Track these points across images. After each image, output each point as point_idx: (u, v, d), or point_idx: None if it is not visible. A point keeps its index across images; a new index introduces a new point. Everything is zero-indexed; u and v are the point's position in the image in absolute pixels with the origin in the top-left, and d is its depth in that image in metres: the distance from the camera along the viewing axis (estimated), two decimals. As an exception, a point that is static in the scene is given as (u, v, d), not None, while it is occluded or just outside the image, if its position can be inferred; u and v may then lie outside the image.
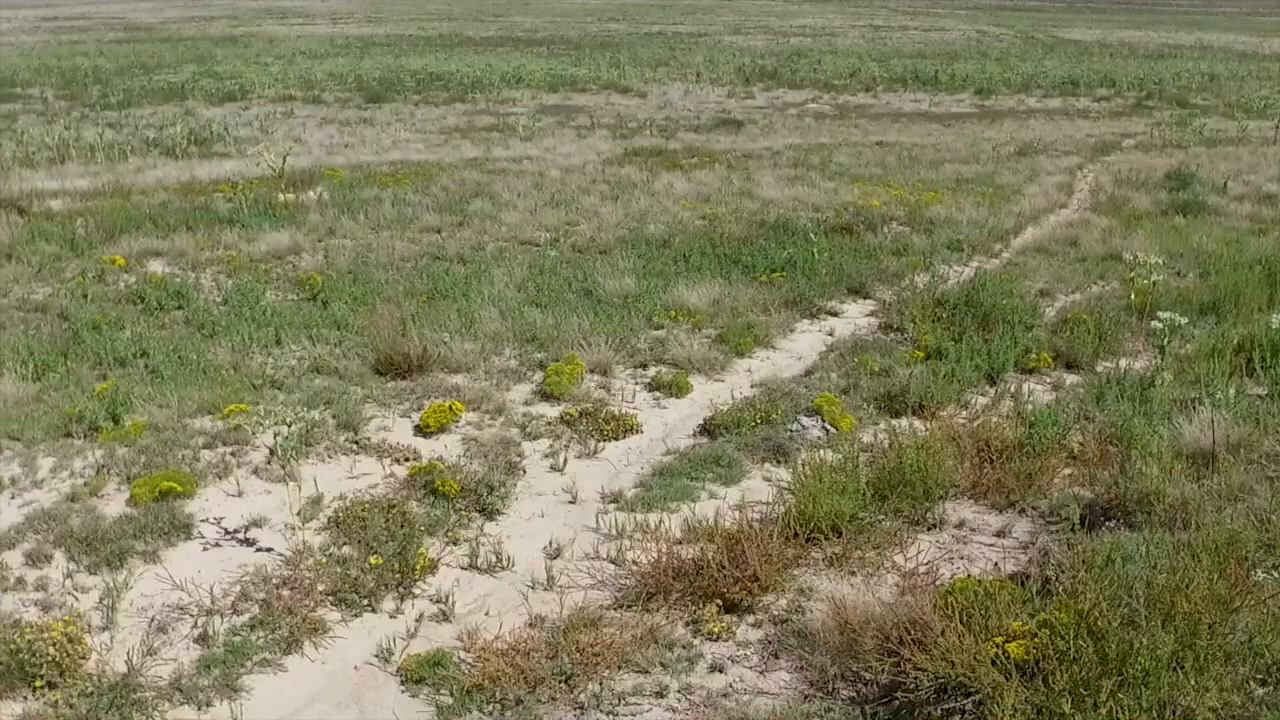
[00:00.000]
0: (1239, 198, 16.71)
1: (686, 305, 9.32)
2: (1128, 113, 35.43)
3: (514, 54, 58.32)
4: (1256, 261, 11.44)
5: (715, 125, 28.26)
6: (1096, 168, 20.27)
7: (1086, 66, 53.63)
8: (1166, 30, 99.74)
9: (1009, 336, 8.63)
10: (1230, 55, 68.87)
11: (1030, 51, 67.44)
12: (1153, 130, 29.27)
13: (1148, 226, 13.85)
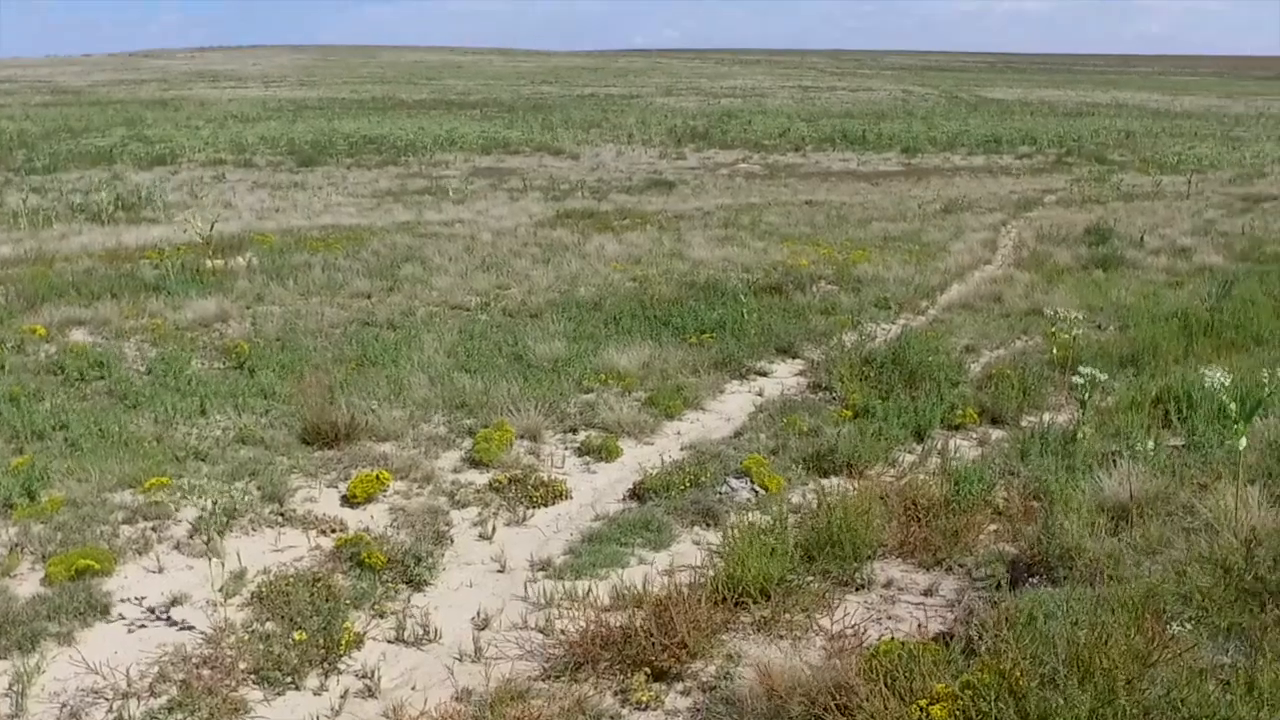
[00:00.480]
0: (1155, 251, 17.20)
1: (616, 368, 9.35)
2: (1049, 169, 36.37)
3: (447, 117, 58.59)
4: (1173, 314, 11.77)
5: (647, 186, 28.55)
6: (1019, 224, 20.76)
7: (1009, 125, 55.12)
8: (1084, 89, 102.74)
9: (935, 393, 8.76)
10: (1144, 113, 71.09)
11: (954, 110, 69.13)
12: (1072, 186, 30.06)
13: (1069, 281, 14.20)
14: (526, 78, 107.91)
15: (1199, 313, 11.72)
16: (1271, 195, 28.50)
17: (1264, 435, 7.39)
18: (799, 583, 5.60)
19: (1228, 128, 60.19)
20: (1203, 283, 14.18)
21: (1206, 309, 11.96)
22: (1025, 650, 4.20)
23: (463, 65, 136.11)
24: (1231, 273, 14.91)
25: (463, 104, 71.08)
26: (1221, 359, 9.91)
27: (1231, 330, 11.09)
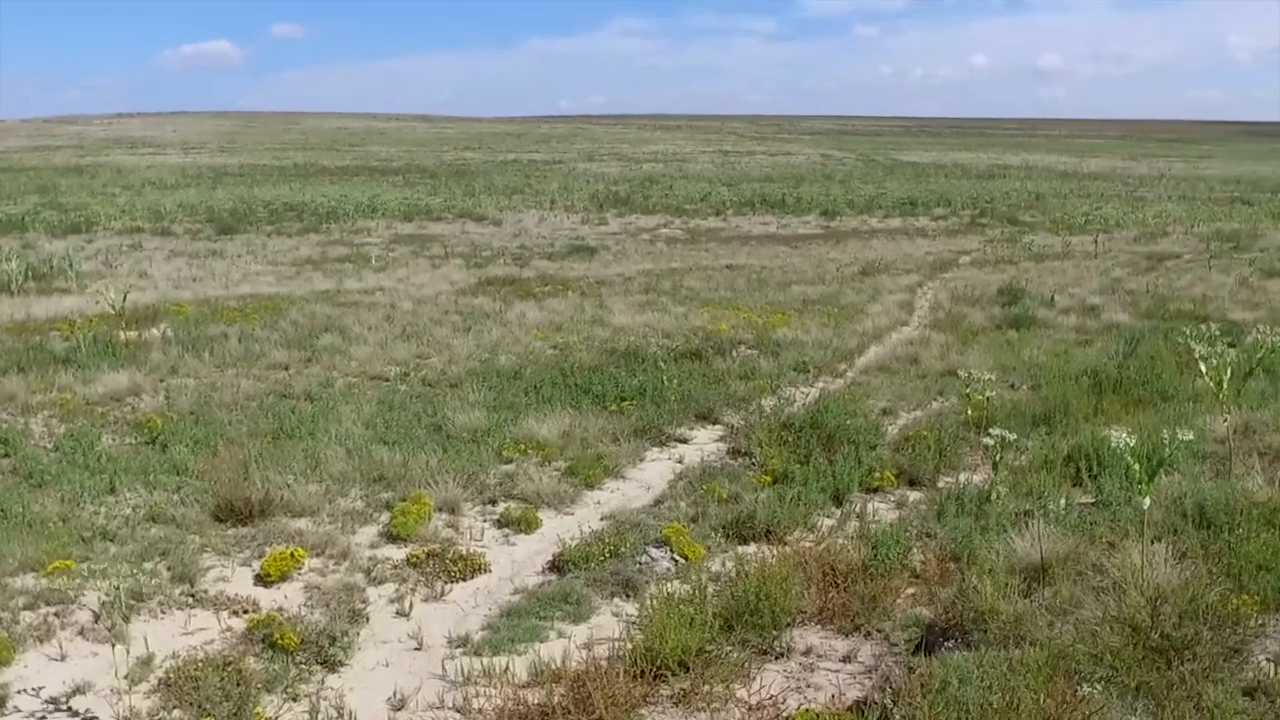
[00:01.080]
0: (1065, 310, 17.65)
1: (536, 438, 9.33)
2: (963, 230, 37.25)
3: (370, 183, 58.48)
4: (1082, 372, 12.04)
5: (569, 252, 28.70)
6: (935, 285, 21.19)
7: (924, 187, 56.44)
8: (995, 152, 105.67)
9: (853, 457, 8.84)
10: (1053, 174, 73.19)
11: (872, 174, 70.60)
12: (986, 247, 30.81)
13: (983, 341, 14.50)
14: (450, 144, 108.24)
15: (1108, 370, 12.00)
16: (1174, 254, 29.44)
17: (1169, 492, 7.57)
18: (718, 653, 5.59)
19: (1132, 188, 62.21)
20: (1111, 340, 14.55)
21: (1115, 366, 12.26)
22: (938, 717, 4.23)
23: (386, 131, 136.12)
24: (1138, 330, 15.32)
25: (385, 170, 71.05)
26: (1129, 415, 10.20)
27: (1139, 387, 11.37)
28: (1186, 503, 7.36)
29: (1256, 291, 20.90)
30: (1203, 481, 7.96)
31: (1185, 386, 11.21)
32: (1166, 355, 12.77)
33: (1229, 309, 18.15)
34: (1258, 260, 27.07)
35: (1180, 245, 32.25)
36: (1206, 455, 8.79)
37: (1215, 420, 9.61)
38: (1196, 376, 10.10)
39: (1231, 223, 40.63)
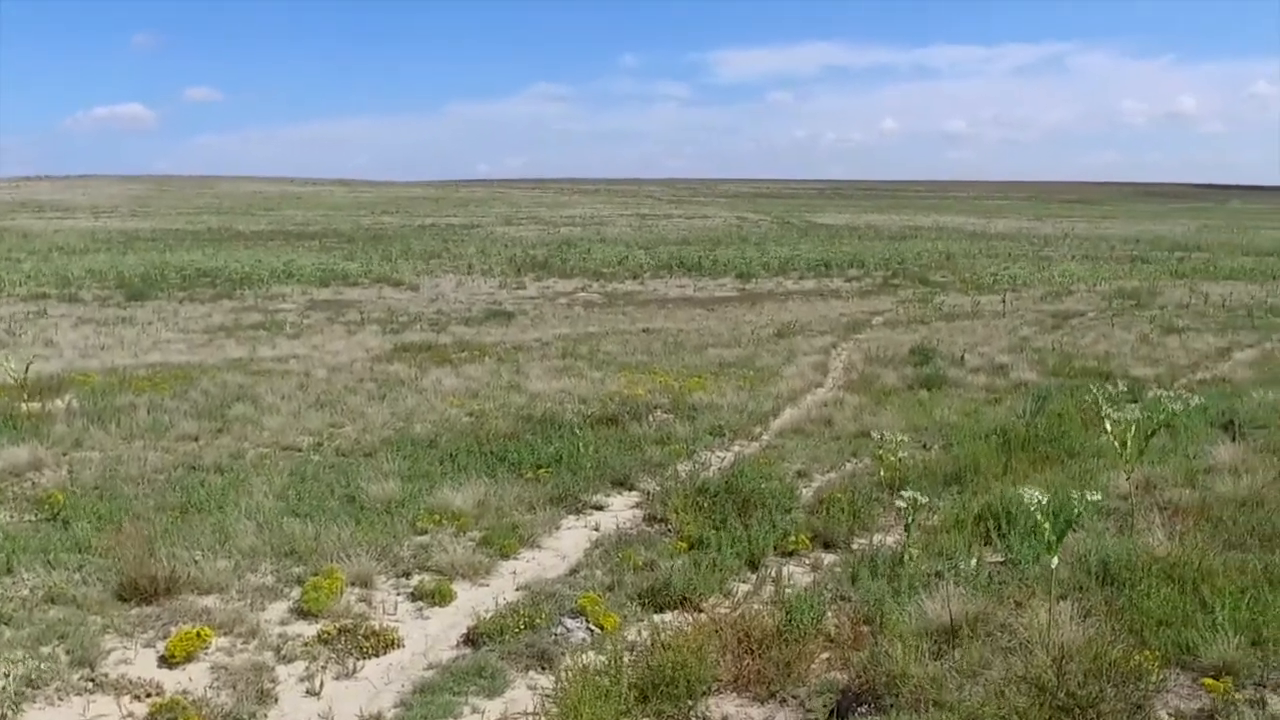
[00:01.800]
0: (975, 369, 18.03)
1: (452, 507, 9.24)
2: (876, 291, 37.93)
3: (285, 248, 57.89)
4: (992, 431, 12.28)
5: (486, 317, 28.64)
6: (849, 346, 21.52)
7: (838, 249, 57.43)
8: (907, 213, 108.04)
9: (768, 521, 8.90)
10: (963, 235, 74.98)
11: (786, 236, 71.67)
12: (898, 307, 31.41)
13: (896, 402, 14.73)
14: (367, 208, 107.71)
15: (1016, 428, 12.25)
16: (1079, 311, 30.32)
17: (1074, 549, 7.73)
18: (633, 725, 5.56)
19: (1038, 248, 63.94)
20: (1019, 399, 14.88)
21: (1023, 424, 12.52)
22: (850, 785, 4.25)
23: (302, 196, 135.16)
24: (1045, 388, 15.70)
25: (301, 235, 70.43)
26: (1037, 473, 10.41)
27: (1046, 444, 11.63)
28: (1091, 560, 7.53)
29: (1156, 348, 21.58)
30: (1107, 538, 8.15)
31: (1091, 443, 11.50)
32: (1073, 412, 13.09)
33: (1131, 365, 18.71)
34: (1157, 317, 27.98)
35: (1084, 303, 33.22)
36: (1111, 511, 8.99)
37: (1119, 476, 9.89)
38: (1101, 433, 10.40)
39: (1132, 280, 41.98)
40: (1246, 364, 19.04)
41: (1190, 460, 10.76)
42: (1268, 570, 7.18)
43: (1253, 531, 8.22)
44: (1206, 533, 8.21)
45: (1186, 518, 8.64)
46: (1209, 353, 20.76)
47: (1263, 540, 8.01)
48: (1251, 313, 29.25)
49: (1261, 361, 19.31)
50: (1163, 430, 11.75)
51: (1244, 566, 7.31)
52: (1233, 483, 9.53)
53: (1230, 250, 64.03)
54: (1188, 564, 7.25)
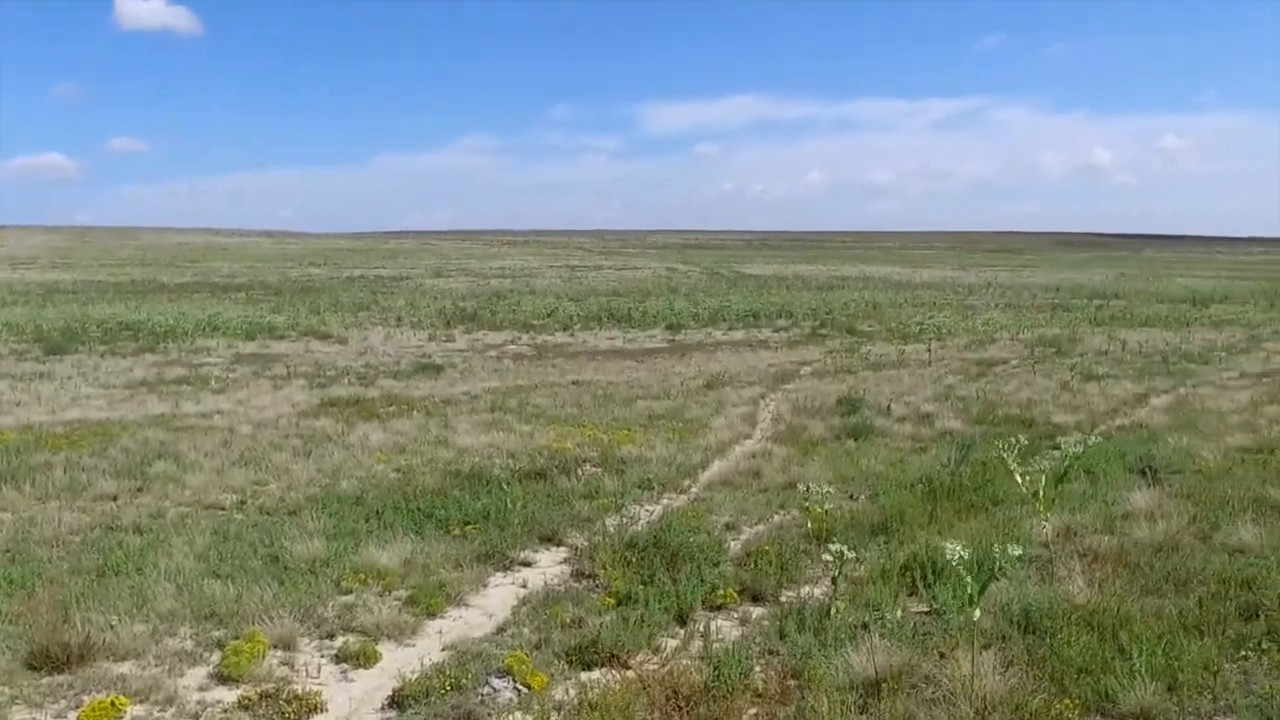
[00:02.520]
0: (901, 418, 18.23)
1: (377, 566, 9.13)
2: (804, 341, 38.30)
3: (210, 301, 57.15)
4: (918, 480, 12.42)
5: (415, 370, 28.43)
6: (777, 396, 21.67)
7: (766, 299, 58.00)
8: (834, 264, 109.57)
9: (696, 575, 8.89)
10: (889, 285, 76.16)
11: (716, 287, 72.25)
12: (826, 357, 31.73)
13: (823, 452, 14.84)
14: (295, 260, 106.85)
15: (941, 478, 12.40)
16: (1002, 360, 30.86)
17: (997, 598, 7.82)
18: (560, 787, 5.51)
19: (962, 297, 65.17)
20: (944, 447, 15.05)
21: (948, 474, 12.66)
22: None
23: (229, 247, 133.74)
24: (969, 436, 15.90)
25: (227, 287, 69.61)
26: (962, 522, 10.55)
27: (971, 493, 11.78)
28: (1014, 609, 7.63)
29: (1077, 394, 22.01)
30: (1029, 587, 8.26)
31: (1014, 491, 11.66)
32: (996, 461, 13.29)
33: (1052, 412, 19.06)
34: (1078, 364, 28.57)
35: (1007, 351, 33.83)
36: (1033, 559, 9.12)
37: (1041, 523, 10.05)
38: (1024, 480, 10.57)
39: (1053, 328, 42.87)
40: (1162, 409, 19.50)
41: (1109, 507, 10.96)
42: (1182, 615, 7.34)
43: (1168, 577, 8.39)
44: (1124, 579, 8.37)
45: (1105, 565, 8.80)
46: (1127, 399, 21.22)
47: (1178, 585, 8.18)
48: (1166, 359, 30.00)
49: (1176, 407, 19.79)
50: (1084, 476, 12.01)
51: (1160, 612, 7.47)
52: (1149, 528, 9.73)
53: (1146, 298, 65.80)
54: (1107, 611, 7.39)
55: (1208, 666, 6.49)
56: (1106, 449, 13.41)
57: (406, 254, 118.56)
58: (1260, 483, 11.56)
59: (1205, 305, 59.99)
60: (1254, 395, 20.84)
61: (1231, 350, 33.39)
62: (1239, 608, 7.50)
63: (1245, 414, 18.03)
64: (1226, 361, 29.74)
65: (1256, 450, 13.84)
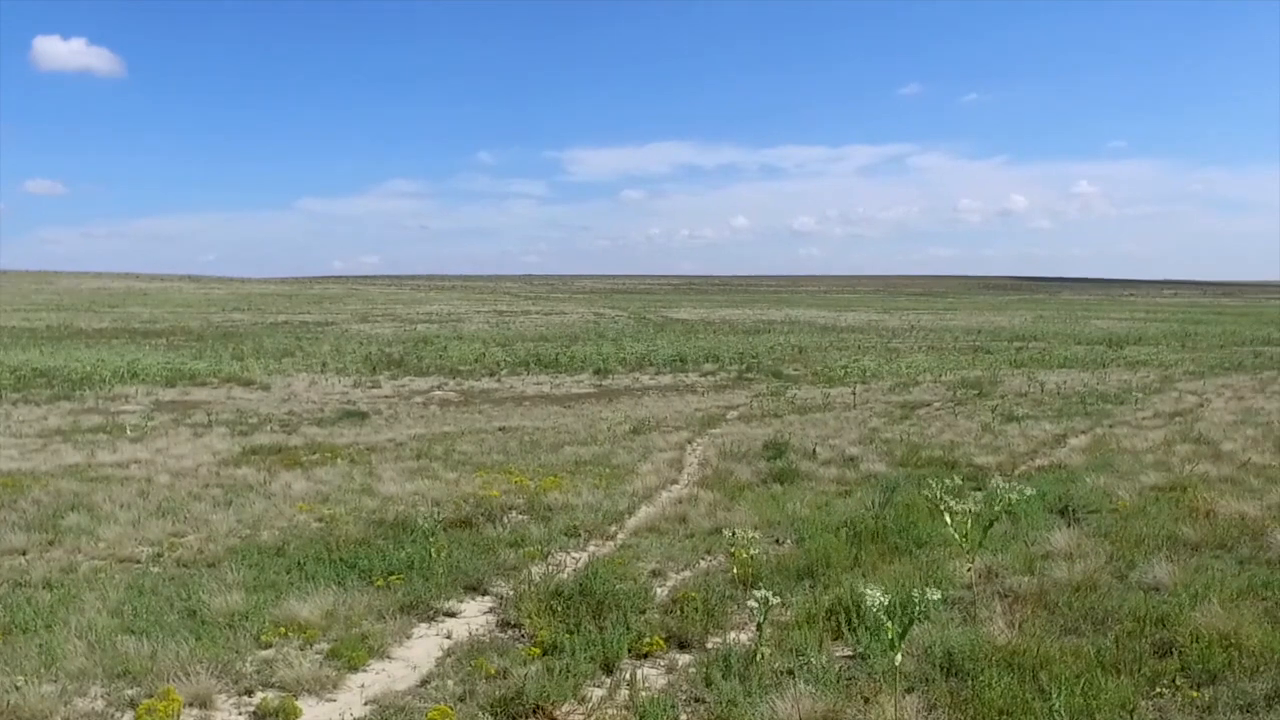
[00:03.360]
0: (827, 462, 18.38)
1: (298, 619, 8.96)
2: (731, 385, 38.56)
3: (130, 346, 56.08)
4: (842, 524, 12.50)
5: (340, 417, 28.14)
6: (704, 441, 21.74)
7: (693, 344, 58.33)
8: (760, 308, 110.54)
9: (622, 622, 8.84)
10: (815, 329, 76.99)
11: (643, 331, 72.51)
12: (752, 401, 31.94)
13: (749, 497, 14.89)
14: (218, 305, 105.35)
15: (866, 521, 12.49)
16: (926, 402, 31.31)
17: (920, 641, 7.89)
18: (483, 843, 5.42)
19: (886, 340, 66.10)
20: (869, 490, 15.18)
21: (872, 517, 12.78)
22: None
23: (149, 292, 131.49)
24: (893, 479, 16.07)
25: (148, 333, 68.38)
26: (886, 564, 10.64)
27: (895, 535, 11.87)
28: (937, 651, 7.69)
29: (998, 436, 22.39)
30: (951, 629, 8.34)
31: (938, 533, 11.79)
32: (920, 503, 13.44)
33: (974, 454, 19.35)
34: (998, 406, 29.09)
35: (931, 393, 34.35)
36: (956, 601, 9.22)
37: (964, 565, 10.17)
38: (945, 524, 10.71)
39: (975, 370, 43.64)
40: (1080, 450, 19.88)
41: (1029, 547, 11.12)
42: (1100, 654, 7.46)
43: (1086, 616, 8.52)
44: (1044, 619, 8.49)
45: (1026, 605, 8.92)
46: (1046, 440, 21.62)
47: (1095, 624, 8.32)
48: (1084, 399, 30.66)
49: (1094, 447, 20.19)
50: (1005, 518, 12.18)
51: (1079, 651, 7.58)
52: (1068, 568, 9.89)
53: (1064, 339, 67.29)
54: (1027, 652, 7.49)
55: (1124, 705, 6.59)
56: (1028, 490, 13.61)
57: (332, 299, 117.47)
58: (1173, 520, 11.81)
59: (1120, 347, 61.50)
60: (1167, 434, 21.34)
61: (1146, 390, 34.22)
62: (1154, 645, 7.65)
63: (1159, 453, 18.44)
64: (1141, 401, 30.47)
65: (1170, 488, 14.14)
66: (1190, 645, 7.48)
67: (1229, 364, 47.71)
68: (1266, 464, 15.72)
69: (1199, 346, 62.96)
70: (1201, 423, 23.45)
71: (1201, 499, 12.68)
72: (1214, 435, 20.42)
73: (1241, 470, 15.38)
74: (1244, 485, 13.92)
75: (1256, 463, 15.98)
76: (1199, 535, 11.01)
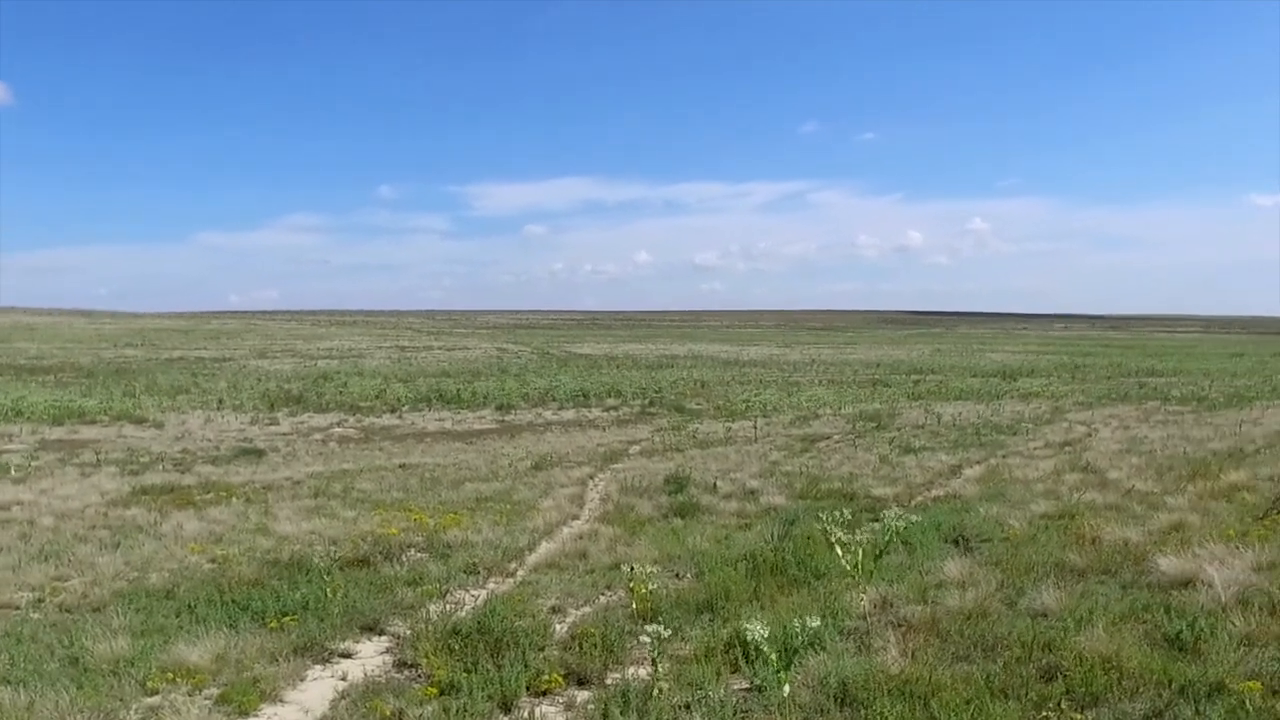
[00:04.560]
0: (728, 495, 18.51)
1: (187, 664, 8.72)
2: (634, 420, 38.67)
3: (15, 384, 54.28)
4: (742, 557, 12.58)
5: (236, 455, 27.58)
6: (606, 476, 21.75)
7: (596, 379, 58.35)
8: (663, 342, 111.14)
9: (521, 660, 8.78)
10: (717, 363, 77.64)
11: (546, 366, 72.37)
12: (655, 436, 32.05)
13: (650, 531, 14.92)
14: (110, 340, 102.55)
15: (765, 553, 12.59)
16: (825, 435, 31.73)
17: (815, 671, 7.97)
18: None
19: (787, 374, 66.92)
20: (769, 523, 15.32)
21: (771, 549, 12.89)
22: None
23: (36, 327, 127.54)
24: (793, 511, 16.25)
25: (34, 369, 66.24)
26: (785, 596, 10.72)
27: (794, 567, 11.97)
28: (831, 682, 7.77)
29: (895, 467, 22.79)
30: (846, 659, 8.44)
31: (836, 564, 11.93)
32: (819, 534, 13.60)
33: (872, 485, 19.66)
34: (896, 438, 29.61)
35: (830, 426, 34.83)
36: (851, 631, 9.33)
37: (859, 595, 10.31)
38: (845, 554, 10.86)
39: (874, 403, 44.39)
40: (975, 480, 20.32)
41: (924, 577, 11.30)
42: (989, 680, 7.60)
43: (977, 643, 8.68)
44: (936, 647, 8.62)
45: (919, 634, 9.06)
46: (942, 470, 22.06)
47: (985, 651, 8.48)
48: (979, 431, 31.36)
49: (987, 477, 20.66)
50: (902, 548, 12.39)
51: (969, 678, 7.71)
52: (960, 596, 10.07)
53: (960, 372, 68.83)
54: (919, 680, 7.59)
55: (1012, 729, 6.73)
56: (922, 520, 13.86)
57: (230, 334, 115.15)
58: (1061, 548, 12.12)
59: (1014, 379, 63.12)
60: (1057, 464, 21.93)
61: (1037, 421, 35.14)
62: (1040, 670, 7.82)
63: (1049, 482, 18.94)
64: (1033, 432, 31.28)
65: (1058, 516, 14.51)
66: (1075, 669, 7.67)
67: (1116, 395, 49.25)
68: (1149, 491, 16.22)
69: (1088, 378, 64.89)
70: (1089, 452, 24.14)
71: (1088, 526, 13.03)
72: (1101, 464, 21.04)
73: (1126, 497, 15.85)
74: (1128, 512, 14.34)
75: (1140, 490, 16.49)
76: (1085, 561, 11.31)
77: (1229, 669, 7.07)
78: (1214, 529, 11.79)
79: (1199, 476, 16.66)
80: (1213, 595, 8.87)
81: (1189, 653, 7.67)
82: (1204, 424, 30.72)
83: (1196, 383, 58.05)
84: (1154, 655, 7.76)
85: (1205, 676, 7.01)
